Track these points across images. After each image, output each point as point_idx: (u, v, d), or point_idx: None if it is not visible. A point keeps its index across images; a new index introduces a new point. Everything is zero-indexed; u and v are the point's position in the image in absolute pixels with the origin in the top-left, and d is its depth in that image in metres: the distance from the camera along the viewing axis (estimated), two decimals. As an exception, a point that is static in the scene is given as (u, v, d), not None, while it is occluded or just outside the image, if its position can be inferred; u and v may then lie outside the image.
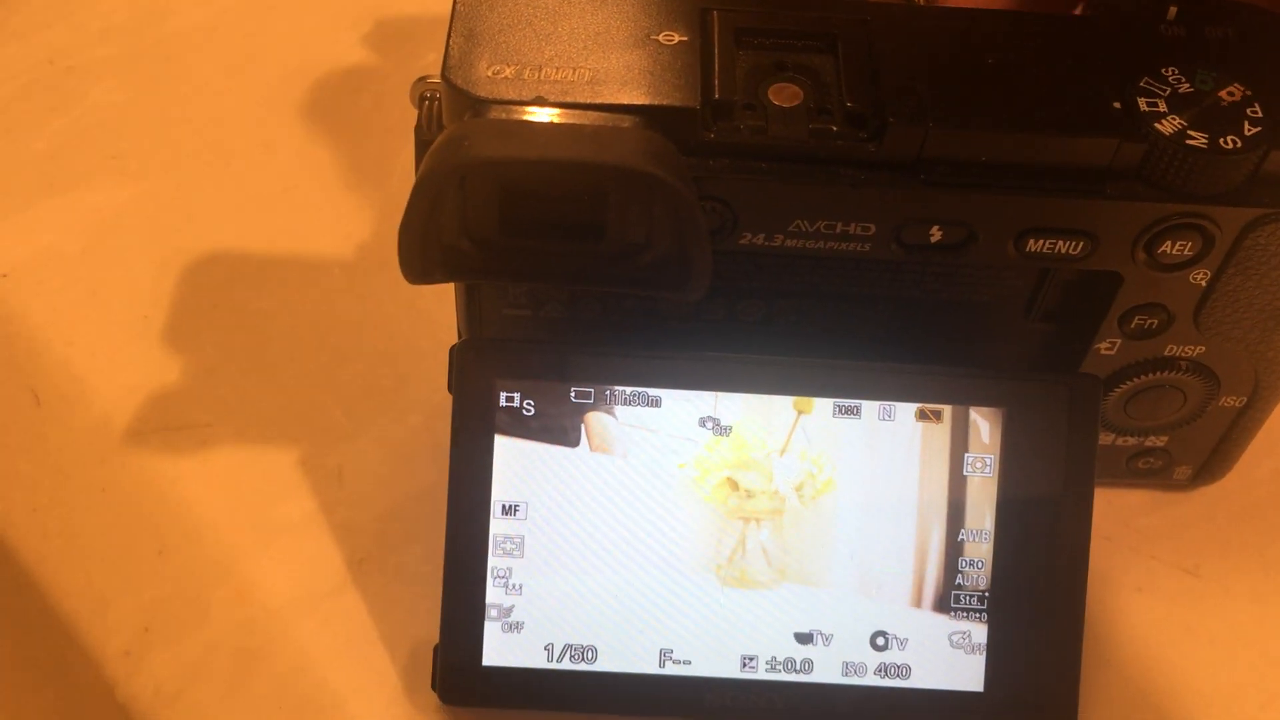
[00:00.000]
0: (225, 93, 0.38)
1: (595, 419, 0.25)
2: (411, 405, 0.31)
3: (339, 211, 0.35)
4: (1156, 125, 0.23)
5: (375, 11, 0.41)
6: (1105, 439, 0.29)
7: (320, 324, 0.32)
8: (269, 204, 0.35)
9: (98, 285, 0.33)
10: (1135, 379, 0.27)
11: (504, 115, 0.22)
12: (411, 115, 0.24)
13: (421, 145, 0.24)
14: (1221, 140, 0.23)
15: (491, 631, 0.25)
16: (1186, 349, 0.26)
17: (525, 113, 0.22)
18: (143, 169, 0.36)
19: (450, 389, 0.25)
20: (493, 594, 0.25)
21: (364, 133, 0.37)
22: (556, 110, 0.22)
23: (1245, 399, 0.27)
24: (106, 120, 0.37)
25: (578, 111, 0.22)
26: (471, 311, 0.27)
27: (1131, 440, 0.29)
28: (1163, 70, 0.24)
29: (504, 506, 0.25)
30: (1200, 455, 0.29)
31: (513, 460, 0.25)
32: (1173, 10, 0.25)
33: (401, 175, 0.28)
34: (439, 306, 0.31)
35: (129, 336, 0.32)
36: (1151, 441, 0.29)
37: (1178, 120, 0.23)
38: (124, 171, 0.36)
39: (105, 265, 0.33)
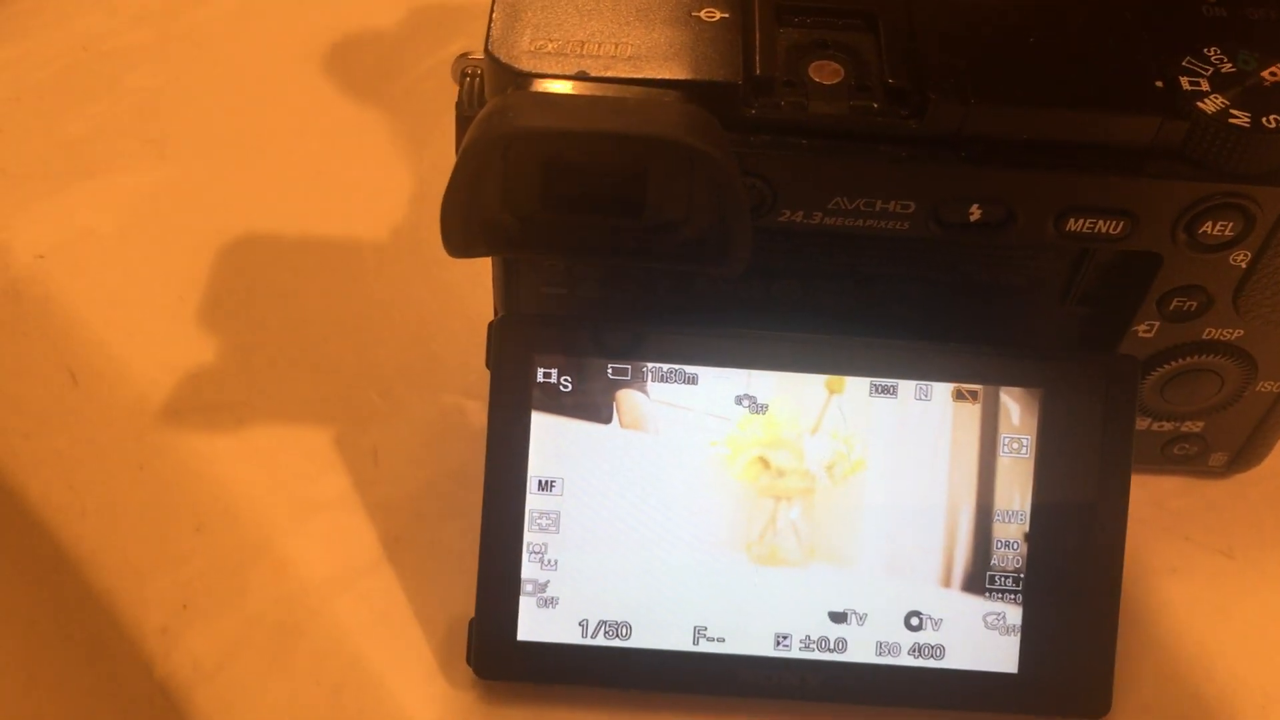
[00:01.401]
0: (259, 76, 0.38)
1: (627, 396, 0.25)
2: (445, 384, 0.31)
3: (373, 193, 0.35)
4: (1199, 104, 0.23)
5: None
6: (1141, 424, 0.29)
7: (355, 304, 0.33)
8: (303, 186, 0.35)
9: (133, 266, 0.33)
10: (1173, 362, 0.27)
11: (547, 89, 0.22)
12: (446, 97, 0.24)
13: (463, 122, 0.24)
14: (1264, 119, 0.23)
15: (527, 607, 0.25)
16: (1225, 332, 0.26)
17: (568, 86, 0.22)
18: (178, 152, 0.36)
19: (488, 364, 0.25)
20: (528, 569, 0.25)
21: (398, 115, 0.37)
22: (599, 84, 0.22)
23: (1281, 385, 0.27)
24: (142, 104, 0.37)
25: (620, 86, 0.22)
26: (510, 289, 0.27)
27: (1167, 426, 0.29)
28: (1205, 50, 0.24)
29: (540, 482, 0.25)
30: (1236, 441, 0.29)
31: (549, 436, 0.25)
32: (1214, -10, 0.25)
33: (435, 158, 0.28)
34: (472, 288, 0.31)
35: (165, 317, 0.32)
36: (1188, 427, 0.29)
37: (1220, 99, 0.23)
38: (159, 155, 0.36)
39: (141, 247, 0.34)
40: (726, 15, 0.24)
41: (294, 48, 0.39)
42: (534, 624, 0.25)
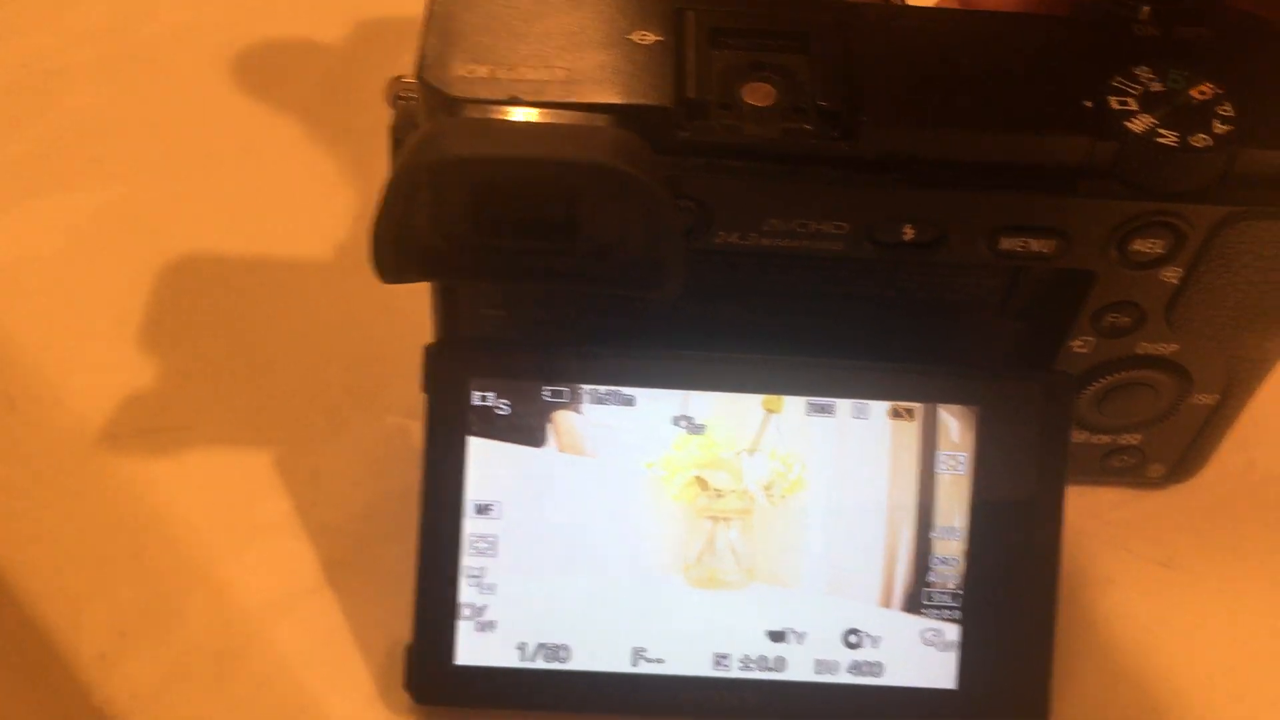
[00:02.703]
0: (204, 96, 0.38)
1: (563, 418, 0.25)
2: (388, 406, 0.31)
3: (317, 214, 0.35)
4: (1128, 123, 0.23)
5: (354, 13, 0.41)
6: (1079, 437, 0.29)
7: (297, 326, 0.32)
8: (247, 207, 0.35)
9: (74, 288, 0.33)
10: (1108, 377, 0.27)
11: (478, 114, 0.22)
12: (386, 112, 0.24)
13: (397, 145, 0.24)
14: (1192, 139, 0.23)
15: (465, 631, 0.25)
16: (1159, 347, 0.26)
17: (499, 112, 0.22)
18: (122, 172, 0.36)
19: (424, 389, 0.25)
20: (466, 593, 0.25)
21: (342, 135, 0.37)
22: (530, 109, 0.22)
23: (1218, 396, 0.28)
24: (86, 123, 0.37)
25: (552, 110, 0.22)
26: (447, 312, 0.27)
27: (1105, 438, 0.29)
28: (1135, 69, 0.24)
29: (477, 506, 0.25)
30: (1174, 453, 0.29)
31: (486, 460, 0.25)
32: (1146, 10, 0.25)
33: (379, 178, 0.28)
34: (415, 308, 0.31)
35: (105, 340, 0.32)
36: (1125, 439, 0.29)
37: (1149, 119, 0.23)
38: (103, 174, 0.36)
39: (82, 268, 0.33)
40: (660, 38, 0.24)
41: (239, 66, 0.39)
42: (472, 648, 0.25)
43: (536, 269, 0.24)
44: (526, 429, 0.25)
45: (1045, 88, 0.24)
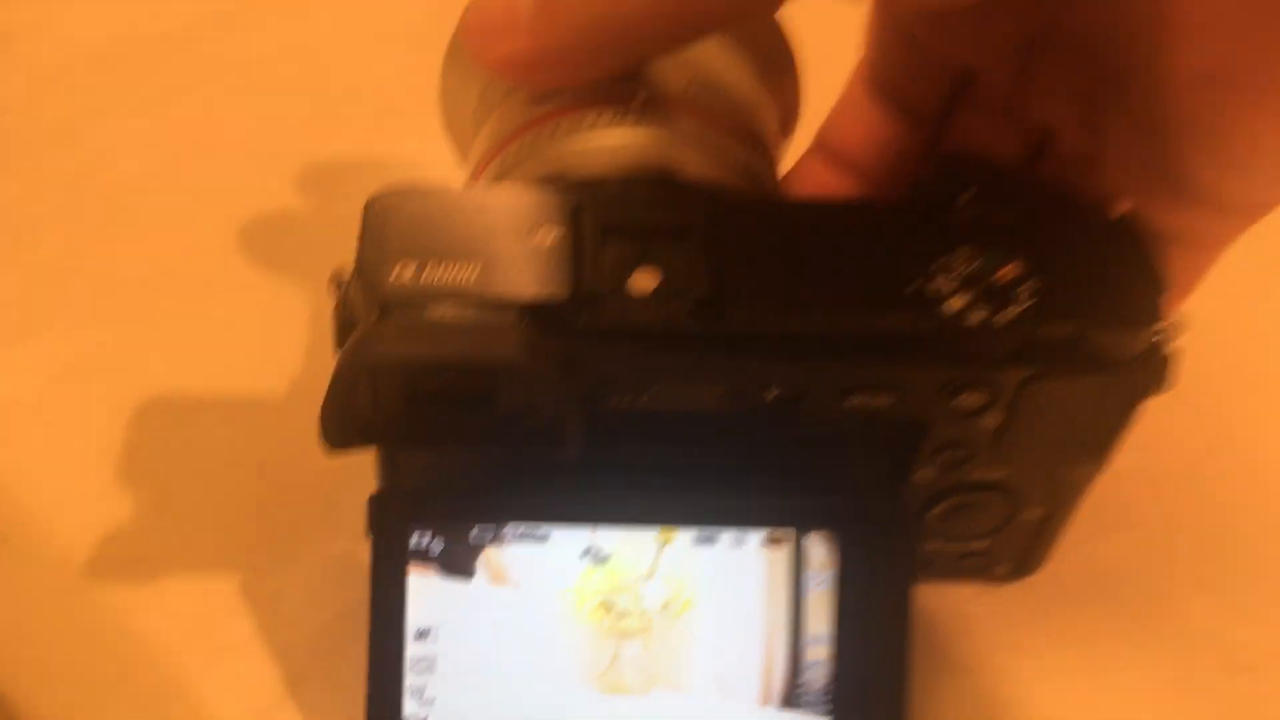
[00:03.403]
0: (166, 239, 0.42)
1: (489, 554, 0.30)
2: (340, 529, 0.35)
3: (273, 350, 0.39)
4: (944, 305, 0.27)
5: (302, 156, 0.45)
6: (934, 544, 0.33)
7: (258, 458, 0.36)
8: (210, 345, 0.39)
9: (55, 430, 0.37)
10: (950, 499, 0.32)
11: (405, 315, 0.26)
12: (336, 252, 0.28)
13: (340, 326, 0.28)
14: (998, 315, 0.27)
15: (410, 739, 0.29)
16: (990, 474, 0.31)
17: (423, 311, 0.26)
18: (92, 316, 0.40)
19: (368, 533, 0.29)
20: (409, 706, 0.29)
21: (294, 272, 0.41)
22: (450, 308, 0.27)
23: (1045, 510, 0.32)
24: (58, 270, 0.41)
25: (468, 307, 0.27)
26: (388, 467, 0.31)
27: (956, 545, 0.34)
28: (954, 253, 0.28)
29: (418, 631, 0.29)
30: (1015, 555, 0.34)
31: (424, 591, 0.29)
32: (968, 194, 0.30)
33: (326, 314, 0.32)
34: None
35: (87, 477, 0.36)
36: (974, 546, 0.34)
37: (962, 299, 0.27)
38: (75, 320, 0.39)
39: (61, 411, 0.37)
40: (558, 236, 0.28)
41: (197, 210, 0.43)
42: (416, 754, 0.29)
43: (460, 434, 0.28)
44: (458, 564, 0.30)
45: (880, 270, 0.28)
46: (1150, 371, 0.29)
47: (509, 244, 0.28)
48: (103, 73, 0.49)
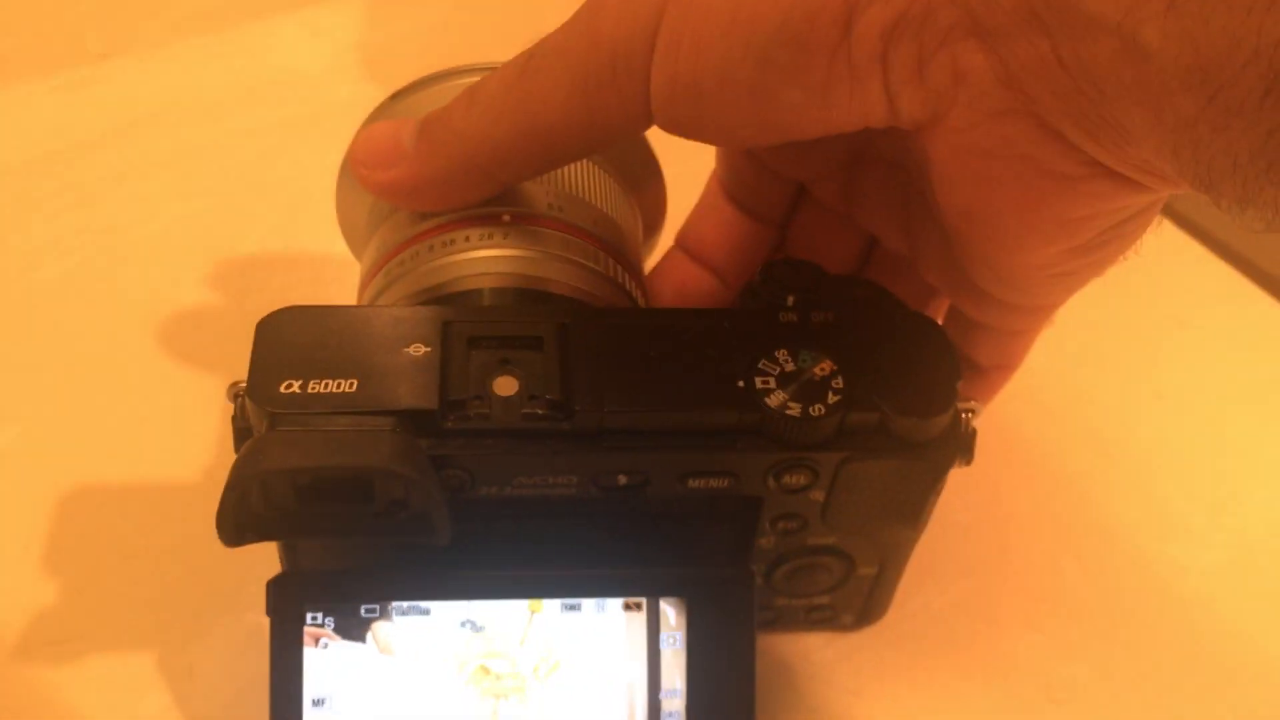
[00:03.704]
0: (83, 338, 0.45)
1: (378, 628, 0.33)
2: (248, 606, 0.38)
3: (185, 439, 0.42)
4: (766, 399, 0.31)
5: (214, 253, 0.49)
6: (782, 601, 0.38)
7: (172, 543, 0.40)
8: (126, 437, 0.42)
9: (-17, 520, 0.40)
10: (790, 562, 0.36)
11: (290, 427, 0.30)
12: (246, 345, 0.31)
13: (237, 431, 0.32)
14: (811, 409, 0.31)
15: (310, 797, 0.33)
16: (823, 539, 0.35)
17: (307, 422, 0.30)
18: (16, 412, 0.43)
19: (268, 613, 0.33)
20: (310, 768, 0.33)
21: (205, 369, 0.45)
22: (331, 418, 0.30)
23: (877, 568, 0.37)
24: (-17, 369, 0.44)
25: (347, 417, 0.30)
26: (286, 546, 0.34)
27: (803, 600, 0.38)
28: (776, 352, 0.32)
29: (314, 700, 0.33)
30: (856, 607, 0.38)
31: (319, 664, 0.33)
32: (791, 298, 0.34)
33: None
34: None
35: (13, 564, 0.39)
36: (818, 600, 0.38)
37: (782, 395, 0.31)
38: (2, 416, 0.43)
39: (-12, 501, 0.40)
40: (429, 349, 0.32)
41: (114, 308, 0.46)
42: (315, 811, 0.33)
43: (345, 526, 0.32)
44: (351, 637, 0.33)
45: (710, 371, 0.32)
46: (949, 449, 0.33)
47: (385, 358, 0.32)
48: (25, 179, 0.52)
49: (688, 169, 0.42)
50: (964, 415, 0.33)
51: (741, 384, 0.32)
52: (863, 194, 0.37)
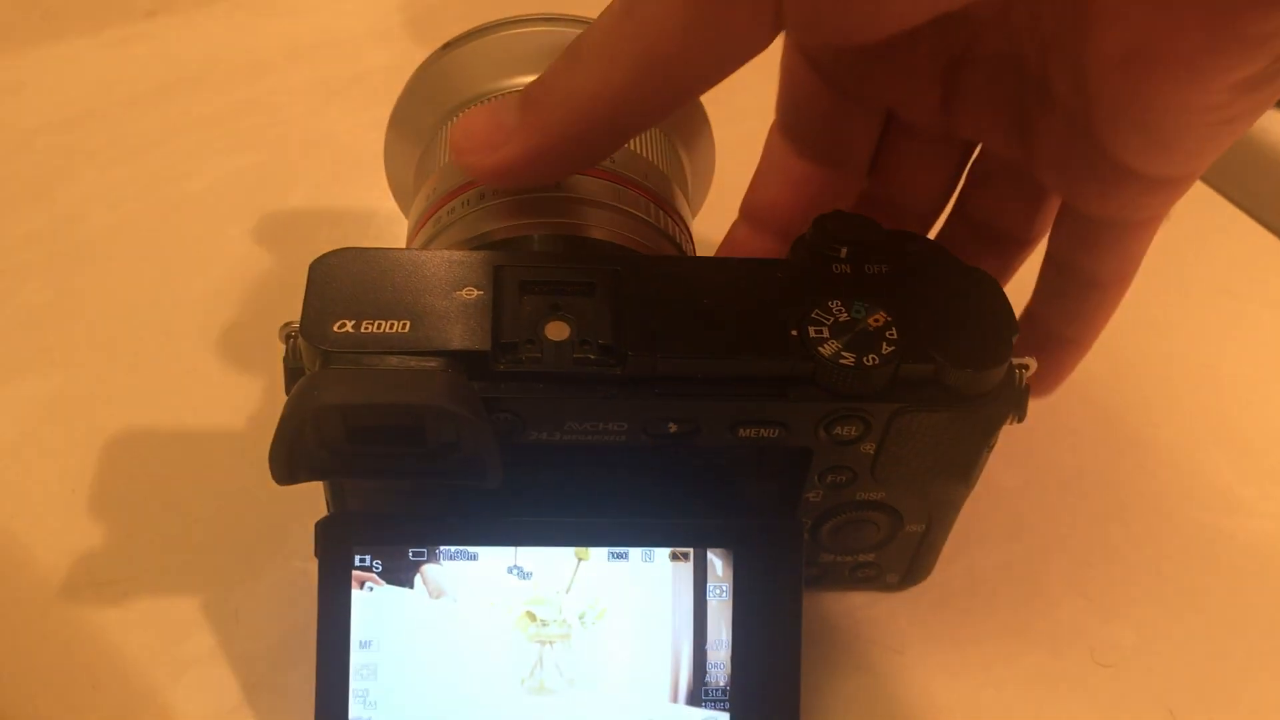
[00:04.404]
0: (134, 287, 0.46)
1: (425, 571, 0.33)
2: (294, 552, 0.39)
3: (232, 388, 0.43)
4: (820, 349, 0.31)
5: (262, 208, 0.49)
6: (828, 558, 0.38)
7: (218, 488, 0.40)
8: (173, 385, 0.43)
9: (32, 465, 0.40)
10: (837, 517, 0.35)
11: (344, 364, 0.30)
12: (293, 296, 0.31)
13: (289, 372, 0.32)
14: (865, 359, 0.31)
15: (355, 738, 0.33)
16: (872, 494, 0.35)
17: (360, 361, 0.30)
18: (66, 360, 0.43)
19: (316, 554, 0.33)
20: (354, 709, 0.33)
21: (252, 318, 0.45)
22: (383, 358, 0.30)
23: (924, 525, 0.36)
24: (34, 317, 0.44)
25: (399, 357, 0.30)
26: (334, 488, 0.35)
27: (848, 558, 0.38)
28: (829, 303, 0.32)
29: (361, 642, 0.33)
30: (902, 566, 0.38)
31: (366, 606, 0.33)
32: (844, 250, 0.34)
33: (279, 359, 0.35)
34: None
35: (61, 508, 0.39)
36: (863, 558, 0.38)
37: (835, 344, 0.31)
38: (51, 363, 0.43)
39: (37, 448, 0.41)
40: (480, 292, 0.32)
41: (162, 259, 0.46)
42: (361, 751, 0.33)
43: (397, 468, 0.32)
44: (399, 580, 0.33)
45: (763, 320, 0.32)
46: (1003, 404, 0.33)
47: (437, 301, 0.32)
48: (74, 133, 0.52)
49: (732, 134, 0.41)
50: (1019, 371, 0.33)
51: (795, 333, 0.32)
52: (964, 101, 0.35)
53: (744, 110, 0.40)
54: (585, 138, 0.31)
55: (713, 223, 0.41)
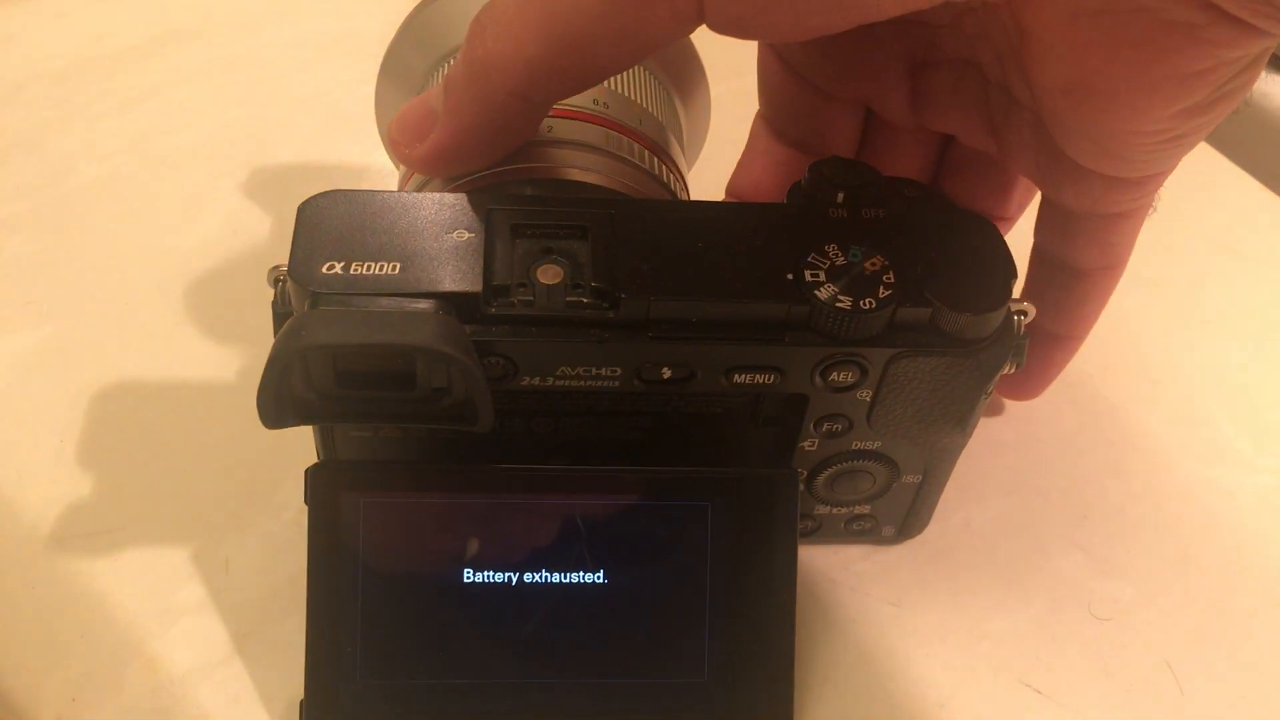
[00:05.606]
0: (122, 239, 0.45)
1: (415, 514, 0.33)
2: (285, 503, 0.38)
3: (221, 339, 0.42)
4: (816, 292, 0.31)
5: (250, 163, 0.48)
6: (823, 510, 0.37)
7: (208, 440, 0.40)
8: (163, 337, 0.42)
9: (20, 417, 0.40)
10: (833, 467, 0.35)
11: (333, 305, 0.30)
12: (281, 249, 0.30)
13: (277, 316, 0.32)
14: (862, 302, 0.31)
15: (345, 686, 0.33)
16: (868, 443, 0.35)
17: (349, 302, 0.30)
18: (53, 311, 0.43)
19: (306, 501, 0.33)
20: (345, 658, 0.33)
21: (242, 271, 0.45)
22: (373, 299, 0.30)
23: (921, 476, 0.36)
24: (23, 268, 0.44)
25: (390, 299, 0.30)
26: (325, 437, 0.34)
27: (843, 509, 0.37)
28: (826, 247, 0.32)
29: (351, 587, 0.33)
30: (898, 518, 0.38)
31: (354, 551, 0.33)
32: (841, 195, 0.34)
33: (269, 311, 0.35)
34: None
35: (49, 458, 0.39)
36: (859, 510, 0.37)
37: (832, 288, 0.31)
38: (39, 314, 0.43)
39: (25, 399, 0.40)
40: (472, 235, 0.31)
41: (150, 213, 0.46)
42: (351, 699, 0.33)
43: (386, 412, 0.31)
44: (386, 525, 0.33)
45: (759, 263, 0.31)
46: (1001, 348, 0.32)
47: (428, 243, 0.32)
48: (64, 85, 0.52)
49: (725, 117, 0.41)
50: (1017, 317, 0.33)
51: (790, 277, 0.31)
52: (933, 99, 0.35)
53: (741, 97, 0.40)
54: (506, 112, 0.31)
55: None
